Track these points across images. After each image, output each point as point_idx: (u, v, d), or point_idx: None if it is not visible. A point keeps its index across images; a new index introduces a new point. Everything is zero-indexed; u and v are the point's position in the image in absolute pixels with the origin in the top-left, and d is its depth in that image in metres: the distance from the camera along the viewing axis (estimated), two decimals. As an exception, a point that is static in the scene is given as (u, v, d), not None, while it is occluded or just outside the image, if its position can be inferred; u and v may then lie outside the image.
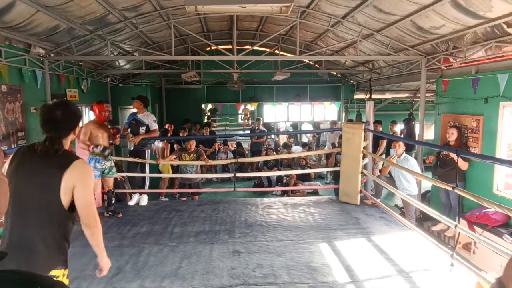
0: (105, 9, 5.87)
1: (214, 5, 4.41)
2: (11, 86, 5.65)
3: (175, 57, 8.29)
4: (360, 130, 5.26)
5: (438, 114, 7.12)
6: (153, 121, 5.86)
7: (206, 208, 5.37)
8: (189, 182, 6.57)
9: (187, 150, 6.39)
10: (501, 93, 5.33)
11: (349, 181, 5.47)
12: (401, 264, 3.50)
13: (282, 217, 4.93)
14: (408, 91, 11.54)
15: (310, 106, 15.97)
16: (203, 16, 8.01)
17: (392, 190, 4.95)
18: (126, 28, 7.35)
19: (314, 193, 8.94)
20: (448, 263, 3.32)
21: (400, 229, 4.47)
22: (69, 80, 8.02)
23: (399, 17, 5.92)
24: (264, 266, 3.46)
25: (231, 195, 7.59)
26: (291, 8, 4.42)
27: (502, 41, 5.13)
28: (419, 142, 7.36)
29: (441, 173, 5.94)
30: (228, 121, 19.22)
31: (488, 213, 5.13)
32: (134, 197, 5.75)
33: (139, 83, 13.20)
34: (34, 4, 4.80)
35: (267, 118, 16.57)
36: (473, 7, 4.65)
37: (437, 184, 3.80)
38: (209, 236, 4.26)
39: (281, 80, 12.09)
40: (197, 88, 13.65)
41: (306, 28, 8.63)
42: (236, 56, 8.04)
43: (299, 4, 6.82)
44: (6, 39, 5.48)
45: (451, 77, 6.71)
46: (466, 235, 3.40)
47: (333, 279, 3.23)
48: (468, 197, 3.17)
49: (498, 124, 5.43)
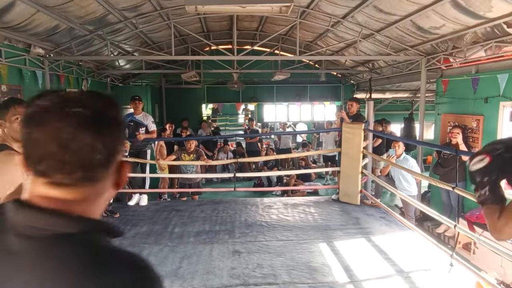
0: (105, 9, 5.87)
1: (214, 5, 4.41)
2: (11, 86, 5.65)
3: (175, 57, 8.30)
4: (360, 130, 5.26)
5: (438, 114, 7.12)
6: (151, 122, 5.86)
7: (206, 208, 5.37)
8: (189, 182, 6.57)
9: (187, 150, 6.39)
10: (501, 93, 5.33)
11: (349, 181, 5.47)
12: (401, 264, 3.50)
13: (282, 217, 4.93)
14: (408, 91, 11.54)
15: (310, 106, 15.99)
16: (203, 16, 8.02)
17: (392, 191, 4.95)
18: (126, 28, 7.35)
19: (314, 193, 8.95)
20: (448, 263, 3.32)
21: (400, 229, 4.47)
22: (69, 80, 8.02)
23: (399, 17, 5.92)
24: (264, 266, 3.46)
25: (231, 195, 7.59)
26: (291, 8, 4.42)
27: (502, 41, 5.13)
28: (419, 142, 7.36)
29: (442, 172, 5.94)
30: (228, 121, 19.24)
31: (488, 213, 5.12)
32: (134, 197, 5.76)
33: (139, 83, 13.20)
34: (34, 4, 4.80)
35: (267, 118, 16.59)
36: (473, 7, 4.65)
37: (437, 184, 3.81)
38: (209, 236, 4.26)
39: (281, 80, 12.10)
40: (197, 88, 13.66)
41: (306, 28, 8.64)
42: (236, 56, 8.04)
43: (299, 4, 6.82)
44: (6, 39, 5.48)
45: (451, 77, 6.71)
46: (466, 235, 3.40)
47: (333, 279, 3.23)
48: (468, 197, 3.17)
49: (498, 124, 5.43)
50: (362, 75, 11.74)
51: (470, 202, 5.52)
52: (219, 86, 13.72)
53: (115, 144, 0.75)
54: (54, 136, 0.68)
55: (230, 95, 14.05)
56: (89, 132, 0.69)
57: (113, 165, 0.76)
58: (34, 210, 0.70)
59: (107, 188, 0.77)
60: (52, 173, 0.70)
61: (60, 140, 0.68)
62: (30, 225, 0.69)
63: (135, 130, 5.79)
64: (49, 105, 0.70)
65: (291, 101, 15.18)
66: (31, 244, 0.68)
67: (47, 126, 0.68)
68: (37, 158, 0.69)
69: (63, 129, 0.68)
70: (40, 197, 0.71)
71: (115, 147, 0.75)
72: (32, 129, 0.69)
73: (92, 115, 0.71)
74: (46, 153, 0.68)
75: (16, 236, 0.69)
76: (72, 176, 0.70)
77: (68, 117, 0.69)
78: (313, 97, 14.55)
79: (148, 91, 11.22)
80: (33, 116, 0.70)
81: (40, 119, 0.69)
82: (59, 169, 0.69)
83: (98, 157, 0.71)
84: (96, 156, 0.71)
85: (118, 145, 0.76)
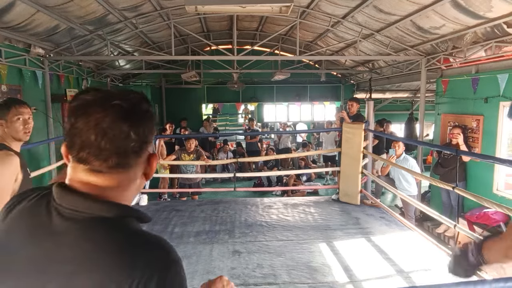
0: (105, 9, 5.87)
1: (214, 5, 4.41)
2: (11, 86, 5.65)
3: (175, 57, 8.30)
4: (360, 130, 5.26)
5: (438, 114, 7.12)
6: None
7: (206, 208, 5.37)
8: (189, 182, 6.57)
9: (187, 150, 6.39)
10: (501, 93, 5.33)
11: (349, 181, 5.47)
12: (401, 264, 3.50)
13: (282, 217, 4.92)
14: (408, 91, 11.55)
15: (310, 106, 15.99)
16: (203, 16, 8.02)
17: (392, 191, 4.95)
18: (126, 28, 7.35)
19: (314, 193, 8.95)
20: (448, 263, 3.31)
21: (400, 229, 4.46)
22: (69, 80, 8.02)
23: (399, 17, 5.92)
24: (264, 266, 3.46)
25: (231, 195, 7.59)
26: (291, 8, 4.42)
27: (502, 41, 5.13)
28: (419, 142, 7.36)
29: (442, 172, 5.94)
30: (228, 121, 19.24)
31: (488, 213, 5.13)
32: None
33: (139, 83, 13.20)
34: (34, 4, 4.80)
35: (267, 118, 16.59)
36: (473, 7, 4.65)
37: (437, 184, 3.81)
38: (209, 236, 4.26)
39: (281, 80, 12.10)
40: (197, 88, 13.66)
41: (306, 28, 8.64)
42: (236, 56, 8.04)
43: (299, 4, 6.82)
44: (6, 39, 5.48)
45: (451, 77, 6.71)
46: (465, 235, 3.40)
47: (333, 279, 3.23)
48: (468, 197, 3.17)
49: (498, 124, 5.43)
50: (362, 75, 11.74)
51: (470, 202, 5.52)
52: (219, 86, 13.72)
53: (146, 134, 0.83)
54: (95, 125, 0.76)
55: (230, 95, 14.05)
56: (125, 121, 0.78)
57: (144, 154, 0.84)
58: (75, 195, 0.78)
59: (138, 176, 0.86)
60: (91, 160, 0.78)
61: (100, 128, 0.76)
62: (71, 208, 0.77)
63: None
64: (93, 99, 0.79)
65: (291, 101, 15.18)
66: (71, 225, 0.76)
67: (90, 117, 0.76)
68: (78, 146, 0.77)
69: (103, 119, 0.76)
70: (80, 183, 0.80)
71: (147, 136, 0.83)
72: (76, 120, 0.77)
73: (129, 107, 0.79)
74: (87, 141, 0.76)
75: (59, 217, 0.77)
76: (108, 163, 0.78)
77: (108, 109, 0.77)
78: (313, 97, 14.55)
79: (148, 91, 11.22)
80: (78, 108, 0.78)
81: (84, 110, 0.77)
82: (97, 155, 0.77)
83: (132, 145, 0.79)
84: (130, 143, 0.79)
85: (150, 135, 0.84)
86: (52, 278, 0.74)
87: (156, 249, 0.79)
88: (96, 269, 0.73)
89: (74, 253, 0.75)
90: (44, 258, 0.76)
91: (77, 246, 0.75)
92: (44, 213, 0.79)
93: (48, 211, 0.79)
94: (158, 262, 0.76)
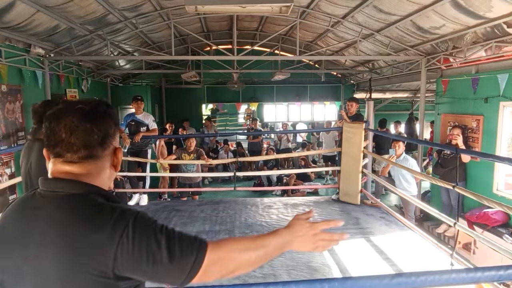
0: (105, 9, 5.87)
1: (214, 5, 4.41)
2: (11, 86, 5.65)
3: (175, 57, 8.30)
4: (360, 129, 5.26)
5: (438, 114, 7.12)
6: (152, 121, 5.89)
7: (206, 208, 5.37)
8: (189, 182, 6.58)
9: (187, 149, 6.39)
10: (501, 93, 5.33)
11: (349, 181, 5.47)
12: (401, 264, 3.50)
13: (282, 217, 4.92)
14: (408, 91, 11.55)
15: (310, 106, 15.98)
16: (203, 16, 8.01)
17: (392, 190, 4.95)
18: (126, 28, 7.35)
19: (314, 193, 8.95)
20: (448, 263, 3.32)
21: (400, 229, 4.47)
22: (69, 80, 8.02)
23: (399, 17, 5.92)
24: (264, 266, 3.46)
25: (231, 195, 7.60)
26: (291, 8, 4.42)
27: (502, 41, 5.13)
28: (419, 141, 7.37)
29: (442, 172, 5.94)
30: (228, 120, 19.24)
31: (488, 213, 5.13)
32: (134, 197, 5.76)
33: (139, 83, 13.19)
34: (34, 4, 4.79)
35: (267, 118, 16.59)
36: (473, 7, 4.65)
37: (437, 183, 3.81)
38: (209, 236, 4.25)
39: (281, 80, 12.09)
40: (197, 88, 13.64)
41: (306, 28, 8.63)
42: (236, 56, 8.04)
43: (299, 4, 6.82)
44: (6, 39, 5.48)
45: (451, 77, 6.71)
46: (465, 233, 3.40)
47: (333, 279, 3.23)
48: (468, 196, 3.17)
49: (498, 124, 5.43)
50: (362, 75, 11.73)
51: (470, 202, 5.53)
52: (219, 86, 13.71)
53: (107, 128, 1.03)
54: (65, 125, 0.98)
55: (230, 95, 14.04)
56: (88, 120, 0.99)
57: (109, 147, 1.05)
58: (54, 180, 1.00)
59: (107, 166, 1.06)
60: (65, 153, 0.99)
61: (69, 127, 0.98)
62: (50, 190, 0.99)
63: (136, 130, 5.81)
64: (62, 107, 1.02)
65: (291, 101, 15.17)
66: (48, 201, 0.97)
67: (61, 120, 0.98)
68: (54, 143, 0.99)
69: (71, 120, 0.98)
70: (59, 172, 1.01)
71: (107, 130, 1.03)
72: (51, 123, 0.99)
73: (90, 109, 1.01)
74: (60, 138, 0.98)
75: (40, 197, 0.99)
76: (78, 154, 0.99)
77: (73, 112, 0.99)
78: (313, 97, 14.54)
79: (148, 91, 11.20)
80: (52, 115, 1.01)
81: (57, 115, 1.00)
82: (69, 149, 0.99)
83: (95, 137, 1.00)
84: (94, 136, 1.00)
85: (110, 130, 1.04)
86: (32, 248, 0.94)
87: (119, 208, 0.97)
88: (65, 233, 0.92)
89: (47, 222, 0.94)
90: (27, 231, 0.96)
91: (50, 216, 0.95)
92: (30, 197, 1.01)
93: (33, 195, 1.01)
94: (125, 214, 0.95)
